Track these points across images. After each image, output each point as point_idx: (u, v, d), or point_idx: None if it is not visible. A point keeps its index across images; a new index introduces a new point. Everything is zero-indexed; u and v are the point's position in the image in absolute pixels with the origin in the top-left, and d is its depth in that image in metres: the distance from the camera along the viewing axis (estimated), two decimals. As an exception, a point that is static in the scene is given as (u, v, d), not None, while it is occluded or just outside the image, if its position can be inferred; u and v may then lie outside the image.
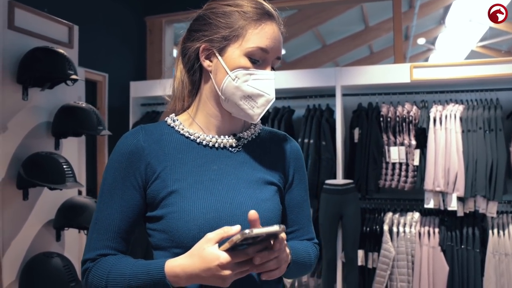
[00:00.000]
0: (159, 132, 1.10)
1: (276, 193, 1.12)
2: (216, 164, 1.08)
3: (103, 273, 0.99)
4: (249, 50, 1.03)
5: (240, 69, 1.04)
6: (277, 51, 1.07)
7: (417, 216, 3.51)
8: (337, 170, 3.59)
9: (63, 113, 2.47)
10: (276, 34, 1.06)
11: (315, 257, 1.18)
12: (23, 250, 2.38)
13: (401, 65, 3.57)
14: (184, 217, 1.00)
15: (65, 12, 3.00)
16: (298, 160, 1.20)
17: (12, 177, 2.32)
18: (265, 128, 1.21)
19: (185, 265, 0.92)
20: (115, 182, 1.05)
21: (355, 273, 3.46)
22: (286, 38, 1.15)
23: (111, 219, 1.04)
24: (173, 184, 1.03)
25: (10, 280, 2.32)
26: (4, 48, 2.31)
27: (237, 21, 1.05)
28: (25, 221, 2.39)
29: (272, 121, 3.71)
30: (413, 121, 3.51)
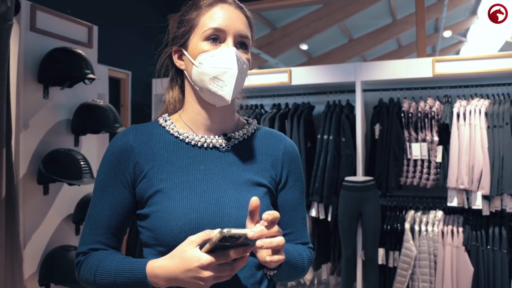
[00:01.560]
0: (149, 132, 1.12)
1: (265, 195, 1.10)
2: (204, 164, 1.09)
3: (92, 267, 1.04)
4: (205, 33, 1.07)
5: (201, 53, 1.06)
6: (235, 28, 1.08)
7: (440, 214, 3.44)
8: (357, 167, 3.55)
9: (81, 111, 2.54)
10: (231, 13, 1.09)
11: (309, 262, 1.16)
12: (44, 243, 2.47)
13: (423, 59, 3.50)
14: (167, 217, 1.02)
15: (89, 13, 3.09)
16: (293, 161, 1.17)
17: (33, 172, 2.40)
18: (260, 128, 1.21)
19: (166, 266, 0.93)
20: (106, 180, 1.08)
21: (375, 272, 3.42)
22: (311, 33, 1.17)
23: (102, 216, 1.07)
24: (159, 183, 1.05)
25: (31, 271, 2.41)
26: (26, 49, 2.40)
27: (191, 14, 1.11)
28: (45, 215, 2.48)
29: (291, 117, 3.70)
30: (436, 116, 3.43)
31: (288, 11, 5.83)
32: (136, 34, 4.10)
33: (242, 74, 1.07)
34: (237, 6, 1.12)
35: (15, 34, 2.34)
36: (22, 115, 2.36)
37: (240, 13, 1.11)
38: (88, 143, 2.71)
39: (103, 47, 2.92)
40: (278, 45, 6.46)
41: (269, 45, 6.45)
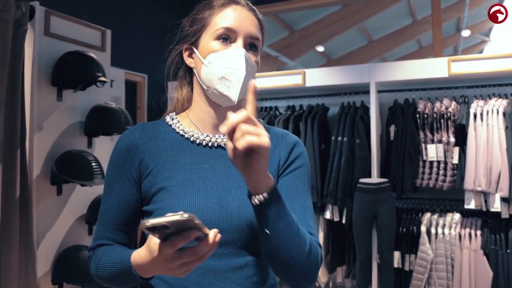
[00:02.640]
0: (156, 130, 1.14)
1: None
2: (208, 163, 1.09)
3: (96, 261, 1.07)
4: (216, 32, 1.08)
5: (211, 53, 1.08)
6: (247, 30, 1.09)
7: (457, 217, 3.37)
8: (372, 169, 3.51)
9: (94, 113, 2.59)
10: (243, 15, 1.10)
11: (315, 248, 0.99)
12: (57, 243, 2.52)
13: (438, 59, 3.44)
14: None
15: (105, 17, 3.15)
16: (299, 157, 1.14)
17: (46, 173, 2.46)
18: (266, 127, 1.19)
19: (142, 255, 0.93)
20: (114, 177, 1.11)
21: (390, 275, 3.37)
22: (330, 35, 1.18)
23: (110, 212, 1.10)
24: (163, 181, 1.06)
25: (44, 270, 2.47)
26: (40, 53, 2.46)
27: (204, 13, 1.13)
28: (58, 215, 2.53)
29: (306, 119, 3.69)
30: (452, 117, 3.37)
31: (306, 13, 5.81)
32: (152, 38, 4.16)
33: (250, 76, 1.08)
34: (250, 8, 1.13)
35: (30, 39, 2.41)
36: (36, 117, 2.43)
37: (252, 15, 1.13)
38: (101, 145, 2.76)
39: (120, 50, 2.97)
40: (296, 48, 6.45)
41: (287, 48, 6.44)
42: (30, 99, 2.41)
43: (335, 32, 6.24)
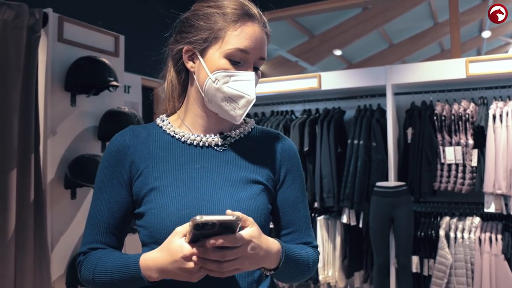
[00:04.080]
0: (147, 132, 1.13)
1: (262, 192, 1.09)
2: (199, 163, 1.09)
3: (91, 266, 1.04)
4: (228, 51, 1.04)
5: (220, 70, 1.04)
6: (258, 52, 1.06)
7: (477, 221, 3.28)
8: (389, 172, 3.45)
9: (106, 117, 2.63)
10: (257, 34, 1.06)
11: (314, 262, 1.13)
12: (71, 246, 2.55)
13: (455, 60, 3.36)
14: (161, 214, 1.02)
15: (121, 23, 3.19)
16: (291, 159, 1.16)
17: (60, 177, 2.50)
18: (257, 127, 1.20)
19: (156, 258, 0.94)
20: (104, 180, 1.10)
21: (409, 280, 3.30)
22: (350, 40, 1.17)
23: (100, 215, 1.08)
24: (153, 181, 1.06)
25: (59, 273, 2.50)
26: (54, 59, 2.51)
27: (217, 23, 1.06)
28: (72, 219, 2.57)
29: (321, 122, 3.66)
30: (470, 119, 3.29)
31: (326, 18, 5.80)
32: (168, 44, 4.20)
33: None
34: (262, 24, 1.09)
35: (43, 45, 2.47)
36: (49, 122, 2.47)
37: (263, 33, 1.08)
38: (115, 149, 2.79)
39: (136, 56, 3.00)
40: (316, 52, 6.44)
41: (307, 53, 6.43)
42: (44, 104, 2.46)
43: (355, 36, 6.20)
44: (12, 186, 2.26)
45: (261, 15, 1.09)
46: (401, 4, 5.57)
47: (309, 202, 3.63)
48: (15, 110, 2.28)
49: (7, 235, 2.22)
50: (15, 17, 2.31)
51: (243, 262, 0.90)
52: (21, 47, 2.33)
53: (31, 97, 2.37)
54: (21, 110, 2.32)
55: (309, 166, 3.69)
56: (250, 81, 1.04)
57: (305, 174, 3.72)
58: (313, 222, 3.73)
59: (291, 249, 1.05)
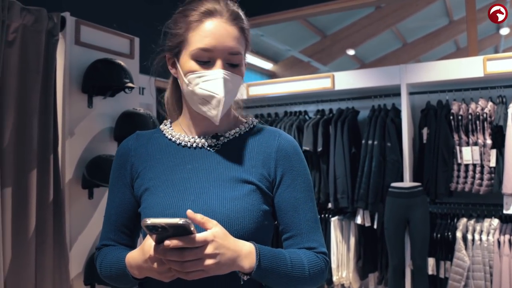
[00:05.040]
0: (149, 137, 1.19)
1: (253, 193, 1.06)
2: (191, 164, 1.11)
3: (100, 260, 1.14)
4: (193, 52, 1.05)
5: (190, 73, 1.06)
6: (224, 47, 1.04)
7: (495, 222, 3.24)
8: (404, 173, 3.43)
9: (122, 118, 2.65)
10: (220, 29, 1.04)
11: (315, 270, 1.04)
12: (88, 245, 2.59)
13: (472, 58, 3.32)
14: (148, 213, 1.06)
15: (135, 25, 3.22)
16: (289, 158, 1.11)
17: (78, 178, 2.54)
18: (258, 126, 1.19)
19: (134, 257, 0.99)
20: (113, 182, 1.18)
21: (424, 282, 3.27)
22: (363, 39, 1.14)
23: (110, 214, 1.17)
24: (148, 182, 1.11)
25: (77, 271, 2.54)
26: (71, 61, 2.55)
27: (181, 27, 1.09)
28: (90, 218, 2.60)
29: (335, 122, 3.65)
30: (488, 118, 3.24)
31: (338, 17, 5.77)
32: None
33: (232, 92, 1.08)
34: (230, 19, 1.06)
35: (61, 48, 2.50)
36: (68, 124, 2.51)
37: (232, 26, 1.06)
38: (131, 150, 2.82)
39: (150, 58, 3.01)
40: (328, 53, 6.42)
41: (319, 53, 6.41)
42: (62, 106, 2.50)
43: (368, 36, 6.17)
44: (32, 186, 2.31)
45: (228, 9, 1.07)
46: (415, 3, 5.52)
47: (322, 203, 3.68)
48: (35, 112, 2.33)
49: (27, 234, 2.27)
50: (34, 22, 2.35)
51: (206, 264, 0.88)
52: (40, 50, 2.37)
53: (50, 99, 2.40)
54: (40, 112, 2.36)
55: (323, 166, 3.69)
56: (217, 80, 1.03)
57: (319, 174, 3.71)
58: (327, 223, 3.72)
59: (275, 254, 1.00)
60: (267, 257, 0.97)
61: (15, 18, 2.28)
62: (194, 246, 0.86)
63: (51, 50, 2.43)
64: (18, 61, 2.29)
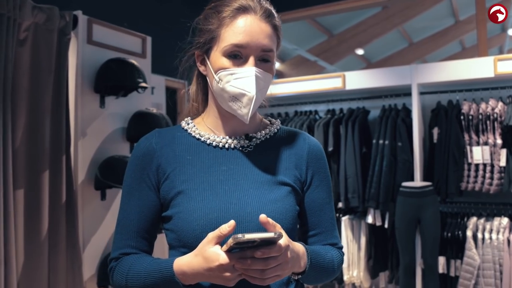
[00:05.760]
0: (172, 135, 1.13)
1: (290, 194, 1.08)
2: (226, 165, 1.08)
3: (124, 271, 1.04)
4: (225, 49, 1.03)
5: (221, 70, 1.04)
6: (257, 44, 1.03)
7: (505, 221, 3.23)
8: (415, 172, 3.42)
9: (135, 118, 2.65)
10: (253, 26, 1.03)
11: (339, 263, 1.13)
12: (101, 247, 2.58)
13: (483, 58, 3.32)
14: (188, 218, 1.02)
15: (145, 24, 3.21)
16: (318, 160, 1.15)
17: (90, 179, 2.53)
18: (283, 128, 1.19)
19: (191, 263, 0.94)
20: (132, 184, 1.09)
21: (435, 281, 3.27)
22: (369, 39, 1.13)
23: (130, 220, 1.08)
24: (180, 185, 1.06)
25: (90, 273, 2.52)
26: (84, 61, 2.54)
27: (213, 23, 1.06)
28: (102, 219, 2.59)
29: (346, 122, 3.64)
30: (498, 118, 3.24)
31: (345, 17, 5.76)
32: (191, 45, 4.21)
33: (263, 90, 1.06)
34: (263, 16, 1.05)
35: (73, 47, 2.49)
36: (80, 124, 2.50)
37: (266, 23, 1.05)
38: (143, 150, 2.81)
39: (160, 57, 3.01)
40: (335, 52, 6.40)
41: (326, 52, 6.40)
42: (74, 106, 2.49)
43: (375, 35, 6.16)
44: (45, 187, 2.29)
45: (262, 6, 1.06)
46: (421, 2, 5.51)
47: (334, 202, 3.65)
48: (47, 112, 2.31)
49: (40, 235, 2.25)
50: (46, 20, 2.34)
51: (284, 268, 0.90)
52: (52, 49, 2.36)
53: (62, 99, 2.39)
54: (52, 111, 2.35)
55: (334, 166, 3.68)
56: (250, 77, 1.01)
57: (330, 174, 3.70)
58: (338, 222, 3.71)
59: (316, 252, 1.05)
60: (314, 255, 1.03)
61: (27, 17, 2.26)
62: (279, 254, 0.88)
63: (63, 49, 2.41)
64: (29, 60, 2.28)
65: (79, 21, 2.50)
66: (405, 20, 5.94)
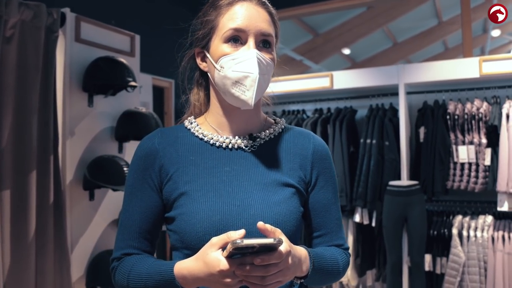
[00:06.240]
0: (175, 135, 1.11)
1: (294, 195, 1.07)
2: (229, 166, 1.07)
3: (125, 272, 1.04)
4: (225, 35, 1.04)
5: (222, 57, 1.04)
6: (256, 27, 1.04)
7: (490, 219, 3.29)
8: (402, 171, 3.46)
9: (124, 118, 2.62)
10: (251, 11, 1.05)
11: (344, 265, 1.12)
12: (90, 247, 2.54)
13: (469, 59, 3.37)
14: (191, 219, 1.01)
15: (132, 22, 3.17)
16: (323, 160, 1.14)
17: (79, 179, 2.49)
18: (288, 127, 1.18)
19: (191, 268, 0.93)
20: (135, 185, 1.09)
21: (422, 279, 3.31)
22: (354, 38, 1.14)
23: (132, 220, 1.07)
24: (183, 185, 1.05)
25: (78, 275, 2.49)
26: (71, 59, 2.50)
27: (211, 15, 1.08)
28: (91, 220, 2.56)
29: (333, 122, 3.66)
30: (484, 118, 3.29)
31: (330, 16, 5.79)
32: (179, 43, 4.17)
33: (266, 76, 1.05)
34: (258, 2, 1.08)
35: (61, 45, 2.45)
36: (68, 123, 2.46)
37: (262, 9, 1.07)
38: (132, 150, 2.77)
39: (147, 56, 2.99)
40: (320, 51, 6.42)
41: (311, 51, 6.41)
42: (62, 105, 2.45)
43: (360, 35, 6.19)
44: (32, 188, 2.25)
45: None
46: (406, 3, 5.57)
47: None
48: (34, 111, 2.27)
49: (27, 237, 2.21)
50: (33, 17, 2.29)
51: (285, 274, 0.90)
52: (39, 47, 2.31)
53: (50, 97, 2.35)
54: (40, 110, 2.31)
55: (321, 165, 3.69)
56: (251, 59, 1.01)
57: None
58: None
59: (319, 255, 1.04)
60: (317, 259, 1.02)
61: (13, 14, 2.21)
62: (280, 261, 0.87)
63: (50, 47, 2.37)
64: (16, 58, 2.23)
65: (67, 18, 2.46)
66: (390, 20, 5.99)
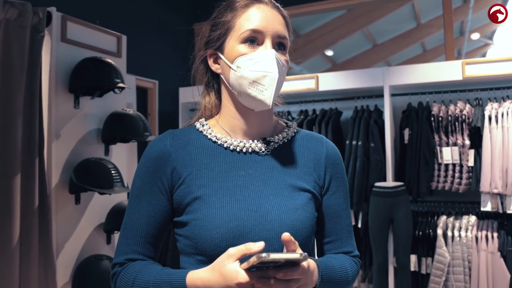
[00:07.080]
0: (187, 137, 1.09)
1: (310, 201, 1.06)
2: (244, 170, 1.05)
3: (129, 279, 1.00)
4: (242, 36, 1.04)
5: (239, 57, 1.03)
6: (273, 29, 1.04)
7: (473, 219, 3.36)
8: (387, 172, 3.49)
9: (111, 120, 2.56)
10: (267, 13, 1.05)
11: (354, 273, 1.10)
12: (76, 252, 2.48)
13: (452, 62, 3.43)
14: (207, 225, 0.98)
15: (116, 23, 3.11)
16: (336, 165, 1.13)
17: (64, 182, 2.42)
18: (301, 131, 1.17)
19: (206, 279, 0.90)
20: (143, 187, 1.05)
21: (407, 279, 3.35)
22: (335, 40, 1.14)
23: (138, 224, 1.04)
24: (197, 190, 1.02)
25: (64, 281, 2.42)
26: (57, 59, 2.43)
27: (227, 16, 1.07)
28: (77, 224, 2.49)
29: (319, 123, 3.67)
30: (467, 120, 3.36)
31: (311, 18, 5.81)
32: (162, 44, 4.14)
33: (282, 77, 1.04)
34: (274, 6, 1.08)
35: (47, 45, 2.38)
36: (53, 125, 2.39)
37: (277, 13, 1.07)
38: (118, 152, 2.73)
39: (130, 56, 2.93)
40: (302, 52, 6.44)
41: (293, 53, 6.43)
42: (47, 106, 2.38)
43: (340, 37, 6.24)
44: (16, 192, 2.18)
45: (271, 0, 1.10)
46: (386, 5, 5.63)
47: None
48: (19, 112, 2.20)
49: (11, 242, 2.14)
50: (18, 16, 2.22)
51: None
52: (24, 47, 2.25)
53: (35, 99, 2.28)
54: (25, 112, 2.24)
55: (307, 167, 3.70)
56: (270, 59, 1.01)
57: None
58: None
59: (328, 266, 1.02)
60: (325, 271, 1.00)
61: (-3, 12, 2.15)
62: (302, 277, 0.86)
63: (36, 47, 2.30)
64: (0, 58, 2.16)
65: (53, 18, 2.39)
66: (370, 22, 6.06)
